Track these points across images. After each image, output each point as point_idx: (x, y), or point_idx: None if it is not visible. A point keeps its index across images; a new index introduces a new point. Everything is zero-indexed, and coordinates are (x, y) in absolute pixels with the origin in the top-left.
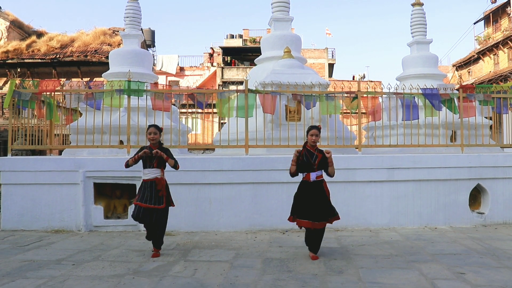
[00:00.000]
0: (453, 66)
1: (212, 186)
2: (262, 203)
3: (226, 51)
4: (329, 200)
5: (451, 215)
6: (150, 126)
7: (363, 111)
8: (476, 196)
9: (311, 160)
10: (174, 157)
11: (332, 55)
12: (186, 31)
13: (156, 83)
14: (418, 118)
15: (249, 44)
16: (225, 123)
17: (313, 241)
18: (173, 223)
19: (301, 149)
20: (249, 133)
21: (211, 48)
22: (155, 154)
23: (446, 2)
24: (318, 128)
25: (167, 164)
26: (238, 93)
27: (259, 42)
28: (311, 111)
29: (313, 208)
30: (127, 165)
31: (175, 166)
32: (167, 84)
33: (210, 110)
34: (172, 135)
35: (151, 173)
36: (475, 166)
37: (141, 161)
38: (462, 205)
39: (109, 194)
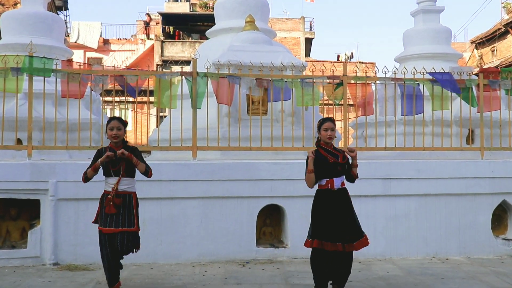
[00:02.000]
0: (472, 43)
1: (146, 201)
2: (214, 224)
3: (168, 18)
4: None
5: (468, 241)
6: (111, 118)
7: (351, 102)
8: (501, 216)
9: (335, 161)
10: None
11: (311, 27)
12: None
13: (70, 60)
14: (423, 112)
15: (199, 10)
16: (165, 116)
17: (337, 271)
18: (91, 253)
19: (312, 149)
20: (198, 130)
21: (147, 14)
22: (121, 155)
23: None
24: (332, 121)
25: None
26: (184, 77)
27: (213, 8)
28: (281, 102)
29: (342, 226)
30: (86, 178)
31: (147, 172)
32: (86, 62)
33: (145, 99)
34: (92, 132)
35: (114, 183)
36: (500, 176)
37: (101, 167)
38: (482, 228)
39: (0, 214)
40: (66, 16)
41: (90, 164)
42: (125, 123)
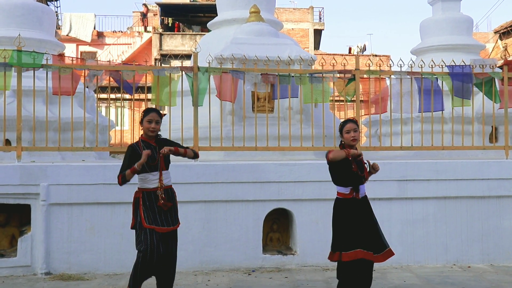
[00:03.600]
0: (495, 32)
1: None
2: (218, 230)
3: (166, 9)
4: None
5: (492, 248)
6: (149, 110)
7: (363, 98)
8: None
9: (360, 168)
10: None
11: (320, 18)
12: None
13: (61, 55)
14: (443, 109)
15: (200, 0)
16: (164, 114)
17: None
18: (86, 261)
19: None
20: (200, 129)
21: (144, 4)
22: (167, 153)
23: None
24: (354, 121)
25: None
26: (184, 72)
27: None
28: (289, 98)
29: (369, 235)
30: (125, 181)
31: (196, 154)
32: (79, 56)
33: (142, 96)
34: (86, 132)
35: (158, 179)
36: None
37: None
38: (507, 233)
39: None
40: (57, 7)
41: (123, 163)
42: (162, 116)
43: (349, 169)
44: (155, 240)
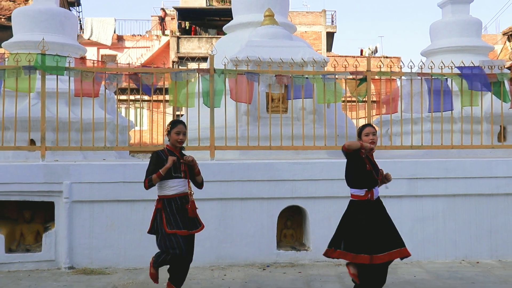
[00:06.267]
0: (504, 34)
1: None
2: (233, 227)
3: (184, 13)
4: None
5: (500, 244)
6: (177, 122)
7: (375, 99)
8: None
9: (371, 170)
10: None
11: (332, 21)
12: None
13: (83, 58)
14: (452, 109)
15: (215, 4)
16: (182, 115)
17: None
18: (107, 257)
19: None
20: (216, 129)
21: (162, 9)
22: (190, 162)
23: None
24: (373, 126)
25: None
26: (201, 74)
27: (230, 2)
28: (302, 99)
29: (386, 235)
30: (151, 185)
31: (203, 184)
32: (100, 59)
33: (161, 97)
34: (106, 132)
35: (180, 186)
36: None
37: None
38: None
39: (14, 216)
40: (79, 12)
41: (148, 168)
42: (187, 128)
43: (363, 167)
44: (181, 243)
